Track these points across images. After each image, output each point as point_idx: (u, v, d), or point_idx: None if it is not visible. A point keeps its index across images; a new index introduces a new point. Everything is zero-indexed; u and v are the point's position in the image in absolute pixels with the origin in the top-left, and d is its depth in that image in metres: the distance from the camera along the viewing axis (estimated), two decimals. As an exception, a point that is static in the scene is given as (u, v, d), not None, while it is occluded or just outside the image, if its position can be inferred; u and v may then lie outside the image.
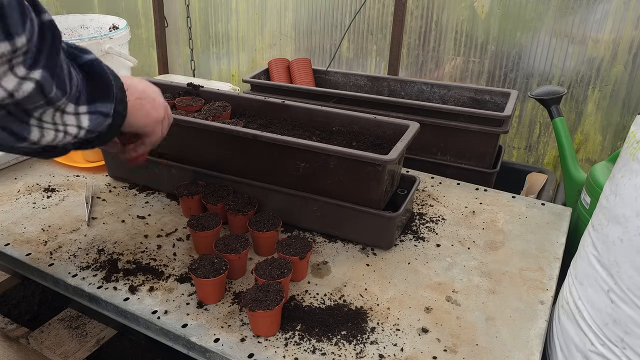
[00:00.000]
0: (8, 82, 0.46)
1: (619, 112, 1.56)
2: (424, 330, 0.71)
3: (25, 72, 0.46)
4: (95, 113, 0.59)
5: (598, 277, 0.68)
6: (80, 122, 0.57)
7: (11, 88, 0.46)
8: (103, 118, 0.60)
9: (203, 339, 0.69)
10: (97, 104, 0.59)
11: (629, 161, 0.66)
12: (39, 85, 0.48)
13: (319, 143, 0.85)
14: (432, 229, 0.94)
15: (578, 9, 1.52)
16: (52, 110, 0.53)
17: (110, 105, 0.61)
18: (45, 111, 0.53)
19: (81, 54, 0.59)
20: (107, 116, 0.61)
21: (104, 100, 0.60)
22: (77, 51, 0.59)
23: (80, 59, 0.58)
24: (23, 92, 0.47)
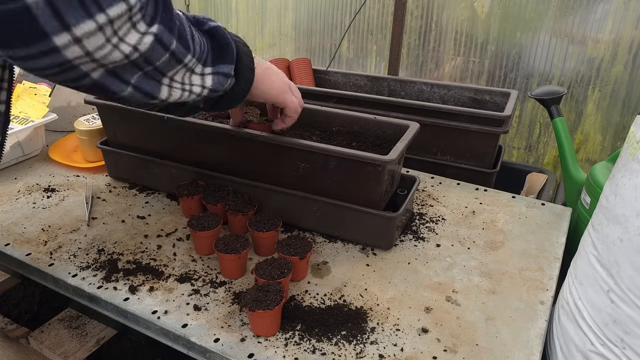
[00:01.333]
0: (131, 38, 0.51)
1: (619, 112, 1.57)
2: (424, 330, 0.71)
3: (145, 28, 0.52)
4: (217, 74, 0.65)
5: (598, 277, 0.68)
6: (204, 82, 0.64)
7: (134, 42, 0.51)
8: (224, 78, 0.66)
9: (203, 339, 0.69)
10: (220, 65, 0.65)
11: (629, 161, 0.66)
12: (157, 38, 0.53)
13: (319, 143, 0.85)
14: (432, 229, 0.94)
15: (578, 9, 1.52)
16: (184, 70, 0.60)
17: (230, 67, 0.67)
18: (177, 72, 0.59)
19: (206, 21, 0.65)
20: (228, 76, 0.67)
21: (225, 61, 0.66)
22: (202, 19, 0.65)
23: (204, 25, 0.64)
24: (145, 45, 0.52)
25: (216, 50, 0.65)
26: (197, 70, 0.62)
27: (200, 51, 0.61)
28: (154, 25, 0.53)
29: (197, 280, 0.80)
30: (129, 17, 0.49)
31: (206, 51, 0.63)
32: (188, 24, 0.59)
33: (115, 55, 0.51)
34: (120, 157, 1.06)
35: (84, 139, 1.14)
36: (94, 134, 1.13)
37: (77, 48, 0.47)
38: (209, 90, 0.65)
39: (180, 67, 0.59)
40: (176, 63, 0.58)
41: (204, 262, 0.84)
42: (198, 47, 0.60)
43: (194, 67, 0.61)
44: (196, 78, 0.62)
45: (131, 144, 1.04)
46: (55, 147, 1.21)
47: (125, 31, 0.50)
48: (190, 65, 0.60)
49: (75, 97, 1.41)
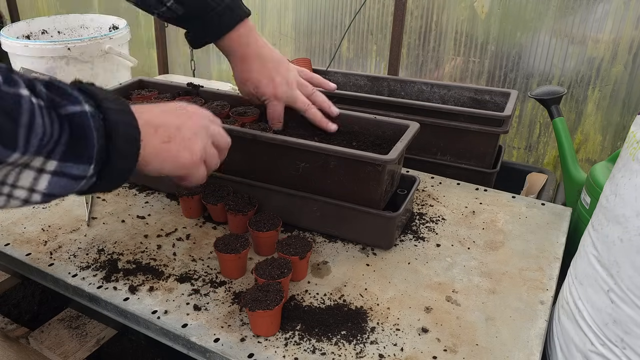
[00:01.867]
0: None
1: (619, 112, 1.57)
2: (424, 330, 0.71)
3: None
4: (61, 175, 0.50)
5: (598, 277, 0.68)
6: (35, 184, 0.49)
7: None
8: (69, 181, 0.51)
9: (203, 339, 0.69)
10: (68, 164, 0.50)
11: (629, 161, 0.66)
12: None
13: (319, 143, 0.85)
14: (432, 228, 0.94)
15: (578, 9, 1.52)
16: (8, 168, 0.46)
17: (84, 167, 0.51)
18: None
19: (66, 104, 0.49)
20: (78, 179, 0.51)
21: (78, 160, 0.50)
22: (61, 98, 0.50)
23: (63, 109, 0.49)
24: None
25: (72, 143, 0.49)
26: (35, 164, 0.48)
27: (41, 144, 0.46)
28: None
29: (197, 280, 0.80)
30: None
31: (54, 142, 0.48)
32: (30, 108, 0.44)
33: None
34: (120, 157, 1.06)
35: (84, 138, 1.13)
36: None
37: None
38: (42, 195, 0.50)
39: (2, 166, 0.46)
40: None
41: (203, 262, 0.84)
42: (37, 140, 0.45)
43: (28, 162, 0.47)
44: (27, 176, 0.48)
45: (131, 143, 1.04)
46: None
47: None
48: (21, 162, 0.46)
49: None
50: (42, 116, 0.46)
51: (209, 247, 0.88)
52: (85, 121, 0.50)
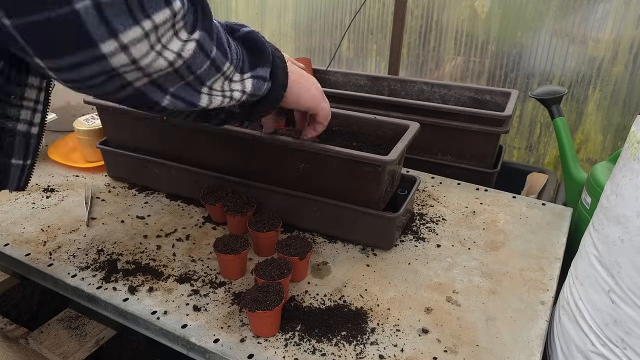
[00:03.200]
0: (174, 45, 0.50)
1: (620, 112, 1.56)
2: (424, 331, 0.71)
3: (187, 36, 0.51)
4: (256, 77, 0.65)
5: (599, 278, 0.67)
6: (244, 87, 0.64)
7: (177, 49, 0.51)
8: (262, 82, 0.66)
9: (203, 340, 0.69)
10: (257, 69, 0.65)
11: (630, 161, 0.65)
12: (199, 44, 0.53)
13: (319, 143, 0.85)
14: (432, 229, 0.94)
15: (579, 9, 1.52)
16: (222, 79, 0.59)
17: (267, 69, 0.67)
18: (216, 80, 0.59)
19: (239, 27, 0.65)
20: (265, 80, 0.67)
21: (262, 64, 0.66)
22: (234, 25, 0.65)
23: (238, 31, 0.64)
24: (187, 52, 0.52)
25: (252, 55, 0.65)
26: (235, 78, 0.62)
27: (237, 59, 0.61)
28: (196, 31, 0.52)
29: (197, 280, 0.80)
30: (173, 24, 0.49)
31: (242, 58, 0.62)
32: (223, 31, 0.59)
33: (159, 62, 0.50)
34: (119, 157, 1.06)
35: (84, 138, 1.13)
36: (94, 133, 1.12)
37: (123, 55, 0.46)
38: (248, 95, 0.65)
39: (219, 76, 0.58)
40: (215, 71, 0.57)
41: (203, 262, 0.84)
42: (235, 55, 0.60)
43: (231, 76, 0.61)
44: (236, 85, 0.62)
45: (131, 144, 1.04)
46: (54, 147, 1.21)
47: (168, 38, 0.49)
48: (228, 74, 0.60)
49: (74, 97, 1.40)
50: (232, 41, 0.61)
51: (209, 247, 0.88)
52: (257, 36, 0.66)
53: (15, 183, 0.66)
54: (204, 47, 0.54)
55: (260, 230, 0.83)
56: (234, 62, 0.60)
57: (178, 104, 0.57)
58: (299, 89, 0.74)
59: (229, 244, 0.79)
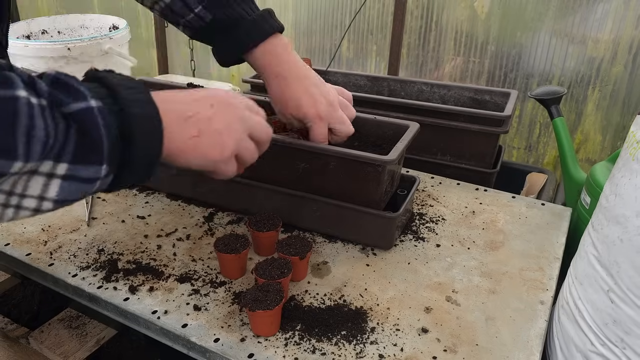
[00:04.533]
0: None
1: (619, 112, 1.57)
2: (424, 330, 0.71)
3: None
4: (72, 179, 0.46)
5: (598, 277, 0.68)
6: (45, 191, 0.45)
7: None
8: (82, 185, 0.47)
9: (203, 339, 0.69)
10: (78, 166, 0.45)
11: (629, 161, 0.66)
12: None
13: (319, 143, 0.85)
14: (432, 229, 0.94)
15: (578, 9, 1.52)
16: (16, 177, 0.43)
17: (96, 169, 0.47)
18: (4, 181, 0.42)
19: (69, 101, 0.45)
20: (91, 182, 0.47)
21: (87, 162, 0.46)
22: (64, 96, 0.45)
23: (66, 107, 0.44)
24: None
25: (81, 142, 0.45)
26: (44, 169, 0.44)
27: (45, 149, 0.42)
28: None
29: (197, 280, 0.80)
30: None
31: (60, 144, 0.44)
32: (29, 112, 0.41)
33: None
34: (120, 157, 1.06)
35: (84, 139, 1.13)
36: (94, 134, 1.12)
37: None
38: (53, 202, 0.46)
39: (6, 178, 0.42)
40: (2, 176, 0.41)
41: (203, 262, 0.84)
42: (40, 146, 0.41)
43: (35, 169, 0.43)
44: (36, 183, 0.44)
45: (131, 144, 1.04)
46: (55, 147, 1.21)
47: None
48: (27, 169, 0.43)
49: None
50: (43, 118, 0.41)
51: (209, 247, 0.88)
52: (91, 118, 0.45)
53: None
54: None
55: (260, 230, 0.83)
56: (33, 157, 0.42)
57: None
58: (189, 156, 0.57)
59: (229, 244, 0.79)
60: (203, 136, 0.57)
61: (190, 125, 0.56)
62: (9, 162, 0.40)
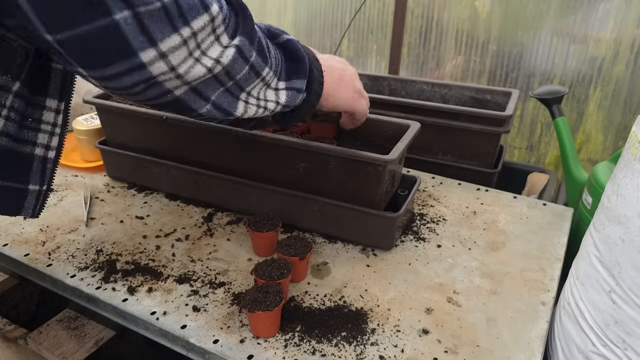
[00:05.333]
0: (213, 52, 0.50)
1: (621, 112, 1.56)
2: (425, 332, 0.71)
3: (228, 41, 0.51)
4: (291, 89, 0.64)
5: (599, 278, 0.67)
6: (278, 98, 0.63)
7: (216, 55, 0.50)
8: (297, 94, 0.65)
9: (202, 340, 0.69)
10: (293, 80, 0.64)
11: (631, 161, 0.65)
12: (239, 49, 0.53)
13: (319, 143, 0.84)
14: (432, 229, 0.94)
15: (579, 8, 1.52)
16: (261, 84, 0.59)
17: (303, 81, 0.66)
18: (255, 86, 0.58)
19: (280, 33, 0.64)
20: (300, 91, 0.66)
21: (298, 76, 0.65)
22: (276, 30, 0.64)
23: (279, 37, 0.63)
24: (227, 58, 0.52)
25: (290, 64, 0.64)
26: (272, 85, 0.61)
27: (276, 64, 0.60)
28: (237, 37, 0.52)
29: (196, 281, 0.80)
30: (213, 29, 0.49)
31: (280, 65, 0.62)
32: (263, 35, 0.59)
33: (197, 69, 0.50)
34: (118, 157, 1.06)
35: (83, 138, 1.13)
36: (93, 133, 1.12)
37: (162, 64, 0.47)
38: (282, 106, 0.65)
39: (258, 81, 0.58)
40: (255, 76, 0.57)
41: (202, 263, 0.84)
42: (274, 60, 0.60)
43: (270, 81, 0.60)
44: (270, 93, 0.62)
45: (130, 143, 1.04)
46: (54, 146, 1.20)
47: (209, 44, 0.49)
48: (267, 79, 0.60)
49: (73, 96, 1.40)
50: (272, 47, 0.60)
51: (208, 247, 0.88)
52: (297, 45, 0.64)
53: (30, 209, 0.66)
54: (243, 52, 0.53)
55: (260, 230, 0.82)
56: (273, 68, 0.59)
57: (216, 113, 0.57)
58: (334, 96, 0.74)
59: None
60: (342, 80, 0.76)
61: (334, 71, 0.74)
62: (264, 64, 0.57)
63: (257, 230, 0.83)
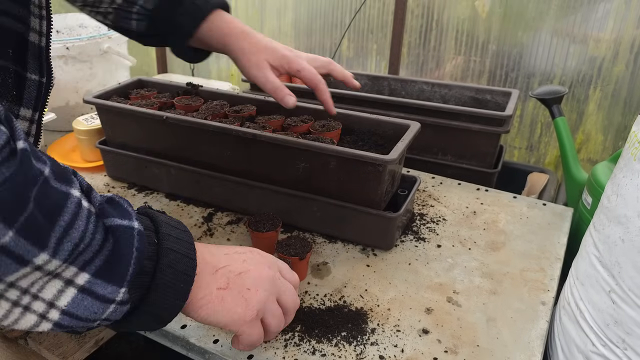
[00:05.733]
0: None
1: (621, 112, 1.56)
2: (425, 331, 0.71)
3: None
4: (87, 292, 0.43)
5: (599, 278, 0.67)
6: (57, 298, 0.42)
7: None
8: (94, 303, 0.44)
9: (202, 340, 0.69)
10: (98, 280, 0.43)
11: (631, 161, 0.65)
12: None
13: (319, 143, 0.84)
14: (432, 229, 0.94)
15: (579, 8, 1.52)
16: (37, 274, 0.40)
17: (115, 290, 0.44)
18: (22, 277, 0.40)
19: (115, 215, 0.46)
20: (105, 302, 0.44)
21: (109, 279, 0.44)
22: (112, 209, 0.46)
23: (109, 219, 0.45)
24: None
25: (109, 259, 0.44)
26: (66, 275, 0.42)
27: (74, 251, 0.41)
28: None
29: (196, 280, 0.80)
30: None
31: (92, 253, 0.43)
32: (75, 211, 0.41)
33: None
34: (119, 157, 1.06)
35: (83, 138, 1.13)
36: (93, 133, 1.12)
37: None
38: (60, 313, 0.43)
39: (29, 271, 0.39)
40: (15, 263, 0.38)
41: (203, 262, 0.84)
42: (70, 245, 0.40)
43: (59, 271, 0.41)
44: (52, 287, 0.42)
45: (130, 143, 1.04)
46: (53, 147, 1.20)
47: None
48: (50, 269, 0.40)
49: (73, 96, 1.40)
50: (87, 222, 0.42)
51: (209, 247, 0.87)
52: (127, 237, 0.45)
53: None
54: None
55: (260, 230, 0.82)
56: (60, 255, 0.40)
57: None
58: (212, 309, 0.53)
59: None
60: (231, 290, 0.55)
61: (220, 276, 0.55)
62: (35, 249, 0.38)
63: (257, 230, 0.83)
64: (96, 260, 0.43)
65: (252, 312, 0.56)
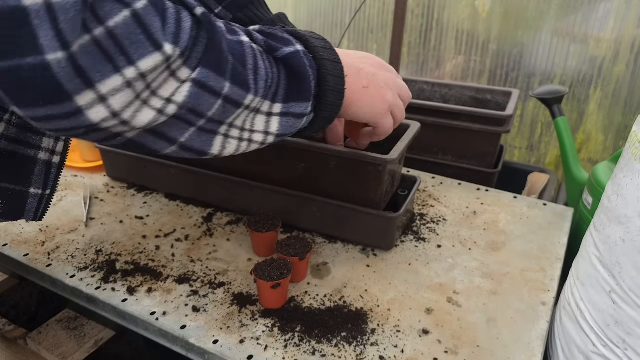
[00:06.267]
0: (165, 91, 0.43)
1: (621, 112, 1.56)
2: (425, 332, 0.71)
3: (187, 74, 0.44)
4: (287, 115, 0.54)
5: (600, 278, 0.67)
6: (268, 127, 0.54)
7: (168, 95, 0.43)
8: (295, 120, 0.55)
9: (202, 341, 0.68)
10: (291, 104, 0.54)
11: (631, 161, 0.65)
12: (200, 84, 0.44)
13: (319, 143, 0.84)
14: (433, 229, 0.94)
15: (580, 8, 1.51)
16: (246, 112, 0.50)
17: (306, 104, 0.55)
18: (237, 116, 0.50)
19: (279, 47, 0.53)
20: (301, 117, 0.56)
21: (298, 99, 0.54)
22: (275, 42, 0.53)
23: (277, 51, 0.53)
24: (182, 96, 0.44)
25: (290, 83, 0.54)
26: (264, 109, 0.52)
27: (266, 87, 0.51)
28: (196, 69, 0.44)
29: (196, 281, 0.79)
30: (167, 67, 0.42)
31: (275, 85, 0.52)
32: (253, 53, 0.49)
33: (144, 114, 0.43)
34: (118, 157, 1.06)
35: (83, 138, 1.13)
36: (93, 133, 1.12)
37: (101, 108, 0.40)
38: (275, 137, 0.55)
39: (241, 111, 0.49)
40: (234, 107, 0.48)
41: (202, 263, 0.84)
42: (263, 83, 0.50)
43: (258, 107, 0.51)
44: (260, 120, 0.52)
45: (130, 143, 1.04)
46: (54, 146, 1.20)
47: (161, 82, 0.42)
48: (254, 106, 0.50)
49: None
50: (264, 61, 0.50)
51: (208, 248, 0.87)
52: (300, 60, 0.54)
53: (32, 213, 0.63)
54: (207, 85, 0.45)
55: (259, 231, 0.82)
56: (259, 92, 0.50)
57: (184, 154, 0.50)
58: (354, 106, 0.63)
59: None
60: (370, 88, 0.63)
61: (362, 77, 0.63)
62: (244, 92, 0.48)
63: (257, 230, 0.82)
64: (280, 90, 0.53)
65: (387, 106, 0.66)
